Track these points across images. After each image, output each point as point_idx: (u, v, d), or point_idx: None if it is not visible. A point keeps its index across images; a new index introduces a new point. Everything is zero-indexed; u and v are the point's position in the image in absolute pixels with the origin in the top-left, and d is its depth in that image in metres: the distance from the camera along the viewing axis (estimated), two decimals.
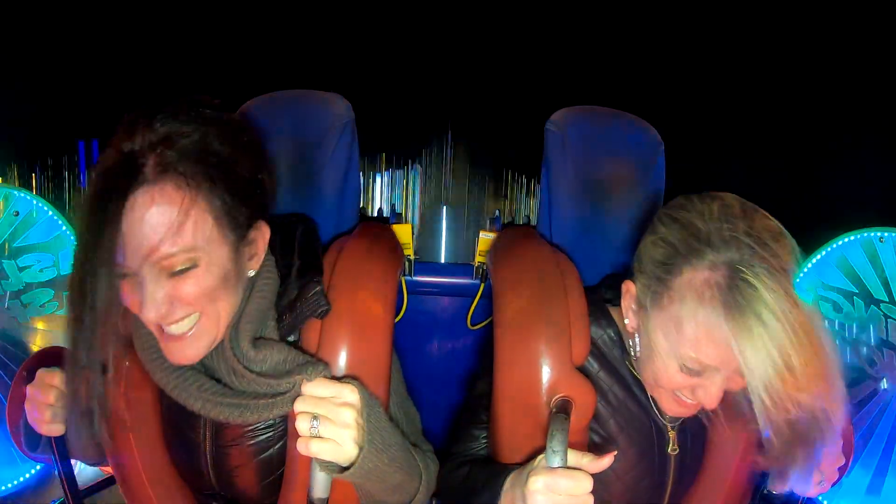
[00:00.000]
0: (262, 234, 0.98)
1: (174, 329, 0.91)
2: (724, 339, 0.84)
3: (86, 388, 0.88)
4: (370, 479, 0.94)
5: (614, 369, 1.13)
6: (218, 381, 1.00)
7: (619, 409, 1.12)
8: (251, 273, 0.99)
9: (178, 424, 1.12)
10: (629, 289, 1.04)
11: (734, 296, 0.83)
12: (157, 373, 1.00)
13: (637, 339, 1.05)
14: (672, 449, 1.13)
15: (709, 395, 0.94)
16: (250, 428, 1.07)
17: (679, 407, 1.01)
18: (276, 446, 1.08)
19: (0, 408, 1.83)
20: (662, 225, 0.95)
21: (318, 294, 0.99)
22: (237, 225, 0.92)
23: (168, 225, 0.83)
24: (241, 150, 0.92)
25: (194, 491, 1.16)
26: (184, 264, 0.86)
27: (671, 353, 0.93)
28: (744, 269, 0.83)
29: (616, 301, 1.10)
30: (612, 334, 1.13)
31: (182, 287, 0.87)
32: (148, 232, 0.83)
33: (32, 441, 1.14)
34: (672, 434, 1.13)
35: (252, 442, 1.08)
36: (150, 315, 0.87)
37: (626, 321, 1.06)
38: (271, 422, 1.07)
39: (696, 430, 1.16)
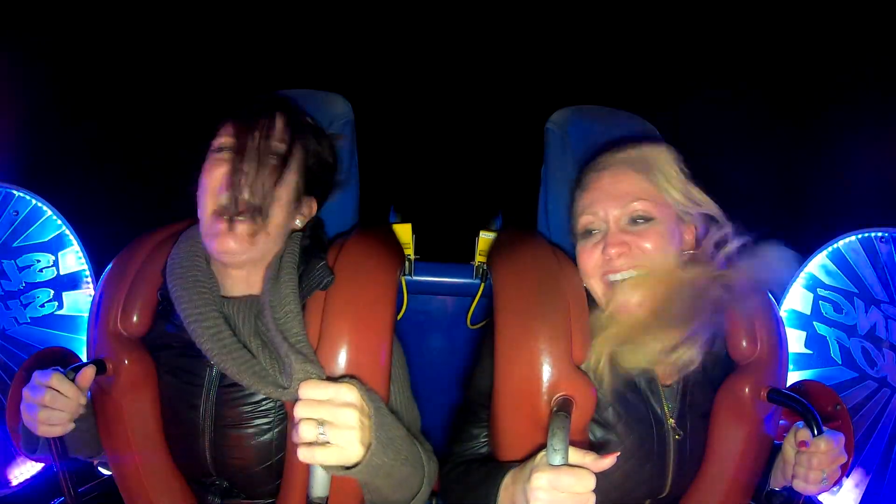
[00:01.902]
0: (310, 206, 1.23)
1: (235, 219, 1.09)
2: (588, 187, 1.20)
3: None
4: (378, 474, 0.94)
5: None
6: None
7: (618, 399, 1.13)
8: (297, 223, 1.20)
9: (179, 407, 1.13)
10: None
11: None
12: (184, 303, 1.10)
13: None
14: (675, 436, 1.14)
15: (612, 235, 1.14)
16: (248, 411, 1.09)
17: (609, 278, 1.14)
18: (275, 430, 1.10)
19: (0, 409, 1.83)
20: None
21: (322, 268, 1.12)
22: (308, 182, 1.19)
23: (281, 136, 1.14)
24: (331, 153, 1.27)
25: (192, 478, 1.16)
26: (277, 162, 1.13)
27: (577, 238, 1.20)
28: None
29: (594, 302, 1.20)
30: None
31: (265, 173, 1.10)
32: (265, 131, 1.13)
33: (31, 441, 1.14)
34: (671, 421, 1.15)
35: (250, 427, 1.10)
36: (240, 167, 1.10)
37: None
38: (270, 404, 1.09)
39: (695, 420, 1.17)
